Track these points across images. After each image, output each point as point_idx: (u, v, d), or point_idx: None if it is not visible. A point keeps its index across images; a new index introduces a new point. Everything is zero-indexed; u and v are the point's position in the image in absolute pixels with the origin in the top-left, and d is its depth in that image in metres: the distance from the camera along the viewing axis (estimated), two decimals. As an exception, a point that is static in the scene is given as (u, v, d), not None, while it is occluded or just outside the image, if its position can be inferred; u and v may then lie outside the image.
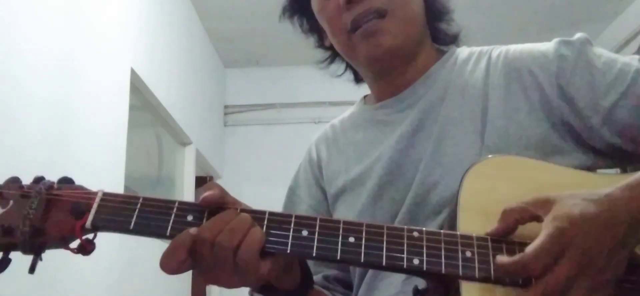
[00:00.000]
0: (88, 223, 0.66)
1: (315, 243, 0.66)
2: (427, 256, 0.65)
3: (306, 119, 4.70)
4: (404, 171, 0.86)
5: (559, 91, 0.81)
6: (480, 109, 0.85)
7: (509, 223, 0.65)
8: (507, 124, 0.82)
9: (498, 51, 0.91)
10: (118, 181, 2.63)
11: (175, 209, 0.67)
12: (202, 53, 4.40)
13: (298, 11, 1.02)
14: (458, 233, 0.67)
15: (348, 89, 1.15)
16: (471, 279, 0.64)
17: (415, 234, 0.67)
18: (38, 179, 0.69)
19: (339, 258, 0.65)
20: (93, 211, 0.66)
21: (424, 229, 0.67)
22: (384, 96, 0.96)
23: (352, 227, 0.67)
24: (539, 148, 0.80)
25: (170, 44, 3.58)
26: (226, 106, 5.01)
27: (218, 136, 4.83)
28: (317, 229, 0.66)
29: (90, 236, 0.67)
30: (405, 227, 0.68)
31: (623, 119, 0.78)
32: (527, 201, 0.65)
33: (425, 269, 0.65)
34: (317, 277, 0.91)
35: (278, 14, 1.04)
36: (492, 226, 0.67)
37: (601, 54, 0.83)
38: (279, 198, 1.03)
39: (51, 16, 2.10)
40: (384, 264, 0.65)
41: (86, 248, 0.66)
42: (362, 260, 0.65)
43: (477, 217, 0.68)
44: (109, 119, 2.59)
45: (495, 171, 0.73)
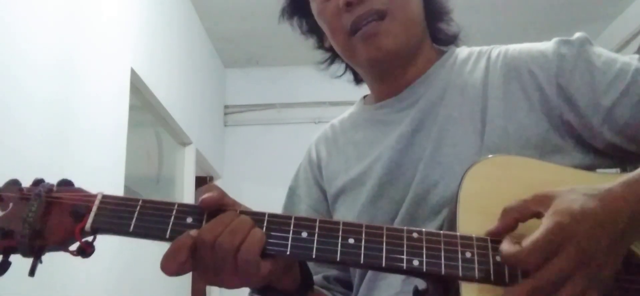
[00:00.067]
0: (87, 225, 0.66)
1: (314, 244, 0.66)
2: (427, 257, 0.65)
3: (306, 119, 4.70)
4: (404, 171, 0.86)
5: (559, 91, 0.81)
6: (479, 109, 0.85)
7: (509, 221, 0.65)
8: (507, 123, 0.82)
9: (497, 51, 0.91)
10: (118, 181, 2.63)
11: (174, 211, 0.67)
12: (202, 53, 4.40)
13: (297, 13, 1.02)
14: (458, 233, 0.67)
15: (348, 89, 1.14)
16: (471, 280, 0.64)
17: (414, 235, 0.67)
18: (37, 182, 0.69)
19: (339, 259, 0.65)
20: (92, 213, 0.66)
21: (424, 230, 0.67)
22: (384, 96, 0.96)
23: (352, 228, 0.67)
24: (539, 147, 0.80)
25: (170, 44, 3.58)
26: (226, 106, 5.01)
27: (218, 136, 4.82)
28: (317, 230, 0.66)
29: (89, 238, 0.67)
30: (404, 228, 0.67)
31: (623, 118, 0.78)
32: (527, 198, 0.65)
33: (425, 270, 0.65)
34: (317, 277, 0.91)
35: (278, 15, 1.04)
36: (492, 225, 0.66)
37: (601, 53, 0.83)
38: (279, 198, 1.03)
39: (51, 16, 2.10)
40: (384, 265, 0.65)
41: (86, 250, 0.66)
42: (362, 261, 0.65)
43: (477, 217, 0.68)
44: (109, 119, 2.59)
45: (494, 170, 0.72)
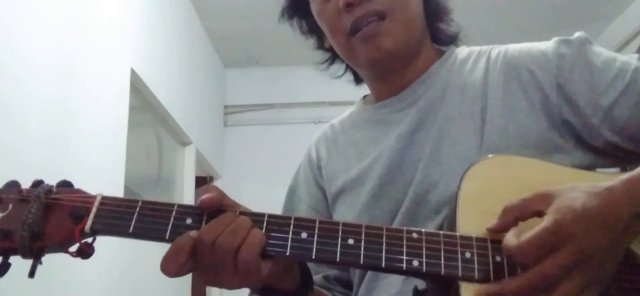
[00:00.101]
0: (87, 227, 0.66)
1: (314, 245, 0.66)
2: (427, 257, 0.65)
3: (306, 119, 4.69)
4: (404, 171, 0.86)
5: (559, 90, 0.81)
6: (479, 108, 0.85)
7: (509, 219, 0.65)
8: (507, 123, 0.82)
9: (497, 51, 0.91)
10: (118, 181, 2.63)
11: (174, 212, 0.67)
12: (202, 53, 4.40)
13: (297, 13, 1.02)
14: (457, 233, 0.67)
15: (348, 89, 1.14)
16: (470, 280, 0.64)
17: (414, 235, 0.67)
18: (37, 183, 0.69)
19: (338, 260, 0.65)
20: (92, 215, 0.66)
21: (423, 230, 0.67)
22: (384, 96, 0.96)
23: (351, 229, 0.67)
24: (539, 146, 0.80)
25: (170, 44, 3.58)
26: (226, 106, 5.00)
27: (218, 136, 4.82)
28: (317, 231, 0.66)
29: (89, 240, 0.67)
30: (404, 228, 0.67)
31: (622, 117, 0.78)
32: (527, 197, 0.65)
33: (424, 270, 0.65)
34: (317, 277, 0.91)
35: (278, 15, 1.04)
36: (492, 223, 0.66)
37: (601, 53, 0.83)
38: (279, 198, 1.03)
39: (51, 16, 2.10)
40: (384, 266, 0.65)
41: (85, 252, 0.66)
42: (362, 262, 0.65)
43: (477, 217, 0.68)
44: (109, 119, 2.59)
45: (494, 170, 0.72)
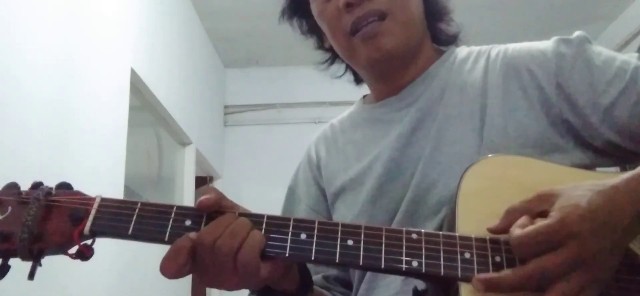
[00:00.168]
0: (86, 229, 0.66)
1: (314, 246, 0.66)
2: (426, 258, 0.65)
3: (306, 119, 4.69)
4: (403, 170, 0.86)
5: (558, 89, 0.81)
6: (479, 108, 0.85)
7: (511, 221, 0.64)
8: (506, 122, 0.82)
9: (497, 50, 0.91)
10: (118, 181, 2.63)
11: (173, 213, 0.67)
12: (202, 53, 4.40)
13: (297, 13, 1.02)
14: (457, 234, 0.67)
15: (348, 89, 1.14)
16: (470, 281, 0.64)
17: (414, 236, 0.66)
18: (36, 185, 0.69)
19: (338, 261, 0.65)
20: (91, 217, 0.66)
21: (423, 230, 0.67)
22: (384, 95, 0.96)
23: (351, 230, 0.67)
24: (538, 146, 0.80)
25: (170, 44, 3.58)
26: (226, 106, 5.00)
27: (218, 136, 4.82)
28: (316, 232, 0.66)
29: (88, 241, 0.67)
30: (403, 229, 0.67)
31: (622, 116, 0.78)
32: (530, 198, 0.65)
33: (424, 271, 0.65)
34: (317, 277, 0.91)
35: (278, 15, 1.04)
36: (494, 223, 0.66)
37: (600, 52, 0.82)
38: (279, 198, 1.03)
39: (51, 16, 2.10)
40: (383, 266, 0.65)
41: (85, 253, 0.66)
42: (361, 263, 0.65)
43: (477, 217, 0.68)
44: (109, 119, 2.59)
45: (494, 170, 0.72)
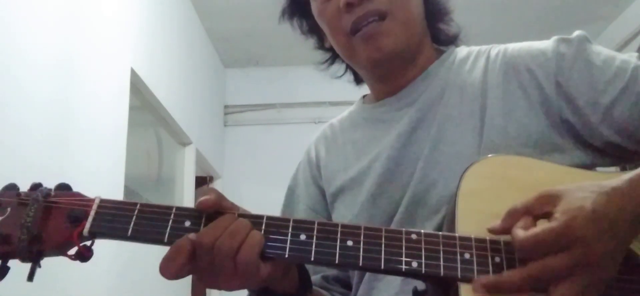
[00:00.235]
0: (85, 230, 0.66)
1: (313, 247, 0.66)
2: (426, 258, 0.65)
3: (306, 119, 4.69)
4: (403, 170, 0.86)
5: (558, 89, 0.81)
6: (478, 108, 0.85)
7: (511, 223, 0.64)
8: (506, 122, 0.82)
9: (497, 50, 0.90)
10: (118, 181, 2.63)
11: (172, 215, 0.67)
12: (202, 53, 4.40)
13: (297, 13, 1.02)
14: (456, 234, 0.67)
15: (348, 89, 1.14)
16: (470, 281, 0.64)
17: (413, 236, 0.66)
18: (35, 186, 0.69)
19: (337, 262, 0.65)
20: (90, 218, 0.66)
21: (423, 231, 0.67)
22: (384, 95, 0.96)
23: (350, 230, 0.67)
24: (538, 145, 0.79)
25: (170, 44, 3.58)
26: (226, 106, 5.00)
27: (218, 136, 4.82)
28: (315, 233, 0.66)
29: (87, 243, 0.67)
30: (403, 230, 0.67)
31: (622, 116, 0.78)
32: (531, 200, 0.64)
33: (423, 272, 0.65)
34: (316, 277, 0.91)
35: (278, 14, 1.04)
36: (495, 223, 0.66)
37: (600, 52, 0.82)
38: (279, 198, 1.03)
39: (51, 16, 2.09)
40: (383, 267, 0.65)
41: (84, 255, 0.66)
42: (361, 264, 0.65)
43: (476, 217, 0.68)
44: (109, 119, 2.59)
45: (494, 170, 0.72)
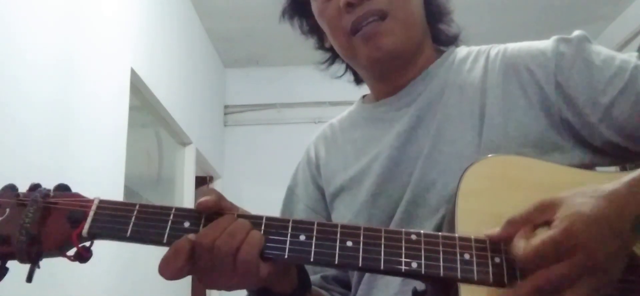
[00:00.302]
0: (84, 231, 0.66)
1: (312, 248, 0.66)
2: (426, 259, 0.65)
3: (306, 119, 4.69)
4: (402, 169, 0.86)
5: (557, 89, 0.81)
6: (478, 107, 0.85)
7: (510, 233, 0.64)
8: (506, 121, 0.82)
9: (496, 50, 0.90)
10: (118, 181, 2.63)
11: (171, 215, 0.67)
12: (202, 53, 4.40)
13: (298, 13, 1.02)
14: (456, 235, 0.67)
15: (348, 89, 1.14)
16: (469, 282, 0.64)
17: (413, 237, 0.66)
18: (34, 187, 0.69)
19: (337, 262, 0.65)
20: (89, 219, 0.66)
21: (422, 231, 0.67)
22: (384, 95, 0.96)
23: (350, 231, 0.66)
24: (538, 145, 0.79)
25: (170, 44, 3.58)
26: (226, 106, 5.00)
27: (218, 136, 4.82)
28: (315, 233, 0.66)
29: (87, 244, 0.67)
30: (403, 230, 0.67)
31: (621, 116, 0.77)
32: (530, 208, 0.64)
33: (423, 272, 0.65)
34: (315, 277, 0.91)
35: (278, 14, 1.04)
36: (491, 226, 0.66)
37: (600, 51, 0.82)
38: (279, 198, 1.03)
39: (51, 16, 2.09)
40: (382, 268, 0.65)
41: (83, 256, 0.66)
42: (360, 265, 0.65)
43: (476, 217, 0.68)
44: (109, 119, 2.59)
45: (493, 170, 0.72)
